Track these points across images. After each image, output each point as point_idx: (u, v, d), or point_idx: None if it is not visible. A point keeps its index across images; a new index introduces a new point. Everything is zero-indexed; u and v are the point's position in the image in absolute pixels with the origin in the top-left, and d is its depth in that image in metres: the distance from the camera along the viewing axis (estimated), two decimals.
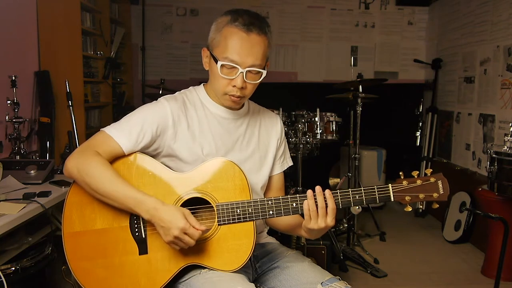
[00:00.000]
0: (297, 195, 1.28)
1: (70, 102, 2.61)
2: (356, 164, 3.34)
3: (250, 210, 1.28)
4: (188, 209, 1.30)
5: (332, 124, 3.13)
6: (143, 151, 1.33)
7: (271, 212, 1.28)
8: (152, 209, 1.21)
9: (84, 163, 1.24)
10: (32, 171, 2.05)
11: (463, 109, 3.87)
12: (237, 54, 1.29)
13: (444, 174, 1.27)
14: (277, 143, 1.53)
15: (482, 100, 3.55)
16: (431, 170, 1.29)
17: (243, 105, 1.48)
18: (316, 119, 3.05)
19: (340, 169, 4.45)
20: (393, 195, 1.25)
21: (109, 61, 3.81)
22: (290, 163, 1.60)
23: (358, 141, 3.30)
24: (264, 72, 1.34)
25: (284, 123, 2.94)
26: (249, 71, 1.31)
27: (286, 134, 2.84)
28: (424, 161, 4.23)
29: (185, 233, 1.20)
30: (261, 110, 1.55)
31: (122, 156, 1.31)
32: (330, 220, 1.24)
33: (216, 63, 1.31)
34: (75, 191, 1.29)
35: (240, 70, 1.29)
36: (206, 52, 1.39)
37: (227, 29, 1.31)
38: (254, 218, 1.28)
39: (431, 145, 4.28)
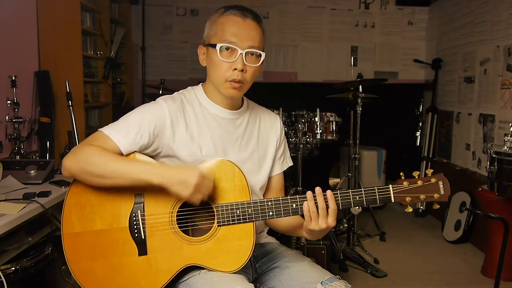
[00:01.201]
0: (297, 196, 1.27)
1: (70, 102, 2.62)
2: (356, 164, 3.34)
3: (249, 211, 1.27)
4: (187, 210, 1.30)
5: (332, 124, 3.14)
6: (143, 152, 1.32)
7: (271, 213, 1.28)
8: (164, 171, 1.22)
9: (81, 155, 1.24)
10: (32, 171, 2.04)
11: (463, 109, 3.87)
12: (235, 36, 1.31)
13: (444, 174, 1.27)
14: (276, 143, 1.52)
15: (482, 100, 3.55)
16: (432, 170, 1.29)
17: (242, 105, 1.47)
18: (316, 119, 3.05)
19: (340, 169, 4.45)
20: (394, 196, 1.25)
21: (109, 61, 3.81)
22: (290, 164, 1.60)
23: (358, 141, 3.29)
24: (263, 55, 1.35)
25: (284, 123, 2.94)
26: (248, 53, 1.32)
27: (286, 134, 2.84)
28: (424, 161, 4.23)
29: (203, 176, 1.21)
30: (260, 110, 1.55)
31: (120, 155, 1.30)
32: (331, 221, 1.24)
33: (215, 47, 1.31)
34: (75, 192, 1.28)
35: (240, 51, 1.30)
36: (202, 49, 1.40)
37: (222, 18, 1.34)
38: (254, 219, 1.28)
39: (431, 145, 4.27)
